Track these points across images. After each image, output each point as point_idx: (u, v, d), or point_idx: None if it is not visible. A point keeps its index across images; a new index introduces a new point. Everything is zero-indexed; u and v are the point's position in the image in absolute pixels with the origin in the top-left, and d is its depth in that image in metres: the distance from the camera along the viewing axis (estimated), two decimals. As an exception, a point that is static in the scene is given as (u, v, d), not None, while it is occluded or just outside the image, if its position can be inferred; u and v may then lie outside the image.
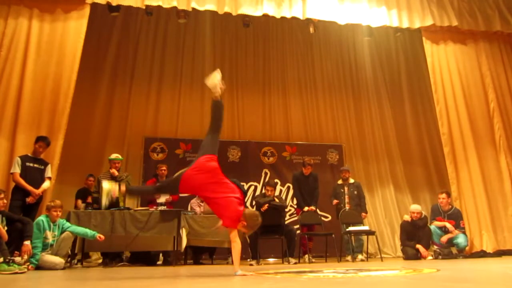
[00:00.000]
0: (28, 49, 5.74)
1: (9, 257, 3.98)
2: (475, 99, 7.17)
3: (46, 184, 5.13)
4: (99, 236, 4.70)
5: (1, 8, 5.83)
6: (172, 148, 7.56)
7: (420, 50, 8.04)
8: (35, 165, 5.11)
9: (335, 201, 6.59)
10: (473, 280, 2.59)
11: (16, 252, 4.20)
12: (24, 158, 5.08)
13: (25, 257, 4.30)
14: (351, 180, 6.75)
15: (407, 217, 6.24)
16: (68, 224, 4.81)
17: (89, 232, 4.76)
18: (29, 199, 4.92)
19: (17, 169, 4.97)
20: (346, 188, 6.63)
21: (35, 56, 5.74)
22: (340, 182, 6.77)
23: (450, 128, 7.00)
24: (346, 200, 6.55)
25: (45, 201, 5.17)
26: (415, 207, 6.21)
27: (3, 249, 4.04)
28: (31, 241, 4.39)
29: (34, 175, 5.06)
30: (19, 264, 4.02)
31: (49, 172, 5.21)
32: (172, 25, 8.15)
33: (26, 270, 4.04)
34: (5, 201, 4.42)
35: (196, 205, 6.31)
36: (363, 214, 6.55)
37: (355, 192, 6.60)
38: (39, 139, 5.18)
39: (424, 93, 8.86)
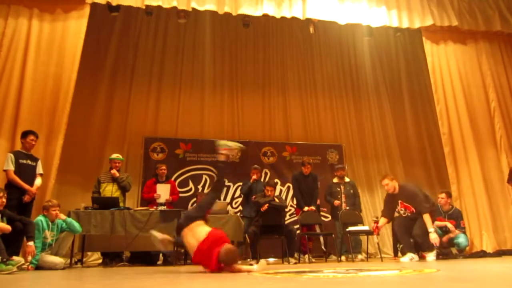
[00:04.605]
0: (28, 49, 5.74)
1: (6, 257, 3.96)
2: (476, 99, 7.17)
3: (39, 181, 5.03)
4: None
5: (1, 8, 5.82)
6: (172, 148, 7.56)
7: (420, 50, 8.04)
8: (28, 162, 4.99)
9: (336, 202, 6.45)
10: (473, 280, 2.59)
11: (13, 257, 4.16)
12: (17, 155, 4.93)
13: (29, 258, 4.28)
14: (347, 179, 6.73)
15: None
16: (67, 220, 4.79)
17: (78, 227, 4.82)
18: (25, 198, 4.82)
19: (11, 166, 4.82)
20: (342, 187, 6.58)
21: (35, 56, 5.74)
22: (335, 180, 6.70)
23: (450, 128, 7.00)
24: (343, 199, 6.50)
25: (38, 198, 5.14)
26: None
27: (0, 248, 4.02)
28: (34, 241, 4.36)
29: (28, 172, 4.93)
30: (16, 263, 4.00)
31: (40, 168, 5.09)
32: (172, 25, 8.15)
33: (21, 262, 4.05)
34: (4, 200, 4.39)
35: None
36: (356, 212, 6.53)
37: (351, 191, 6.56)
38: (29, 132, 5.05)
39: (424, 93, 8.86)
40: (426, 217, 5.11)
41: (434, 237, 5.05)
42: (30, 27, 5.83)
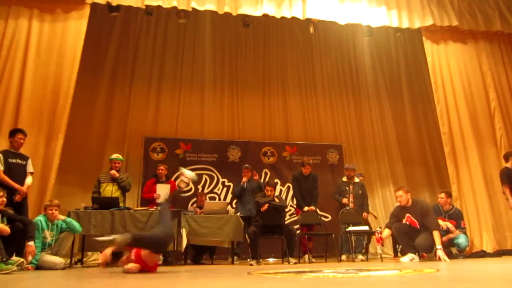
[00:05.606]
0: (28, 49, 5.74)
1: (6, 257, 3.96)
2: (476, 98, 7.17)
3: (30, 180, 4.94)
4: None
5: (1, 8, 5.83)
6: (172, 148, 7.57)
7: (420, 50, 8.04)
8: (18, 161, 4.89)
9: (344, 200, 6.44)
10: (473, 280, 2.59)
11: (13, 257, 4.15)
12: (5, 154, 4.82)
13: (30, 258, 4.28)
14: (356, 179, 6.73)
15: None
16: (67, 220, 4.78)
17: (78, 227, 4.81)
18: (16, 198, 4.72)
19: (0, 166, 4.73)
20: (351, 187, 6.58)
21: (35, 57, 5.75)
22: (345, 179, 6.72)
23: (450, 128, 7.00)
24: (351, 199, 6.51)
25: (38, 199, 5.10)
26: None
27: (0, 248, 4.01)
28: (34, 241, 4.35)
29: (18, 172, 4.83)
30: (16, 262, 4.00)
31: (30, 167, 4.99)
32: (172, 25, 8.15)
33: (21, 261, 4.05)
34: (4, 199, 4.38)
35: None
36: (365, 214, 6.53)
37: (360, 192, 6.57)
38: (17, 131, 4.96)
39: (424, 93, 8.86)
40: (436, 234, 5.22)
41: (442, 254, 5.11)
42: (30, 27, 5.83)
